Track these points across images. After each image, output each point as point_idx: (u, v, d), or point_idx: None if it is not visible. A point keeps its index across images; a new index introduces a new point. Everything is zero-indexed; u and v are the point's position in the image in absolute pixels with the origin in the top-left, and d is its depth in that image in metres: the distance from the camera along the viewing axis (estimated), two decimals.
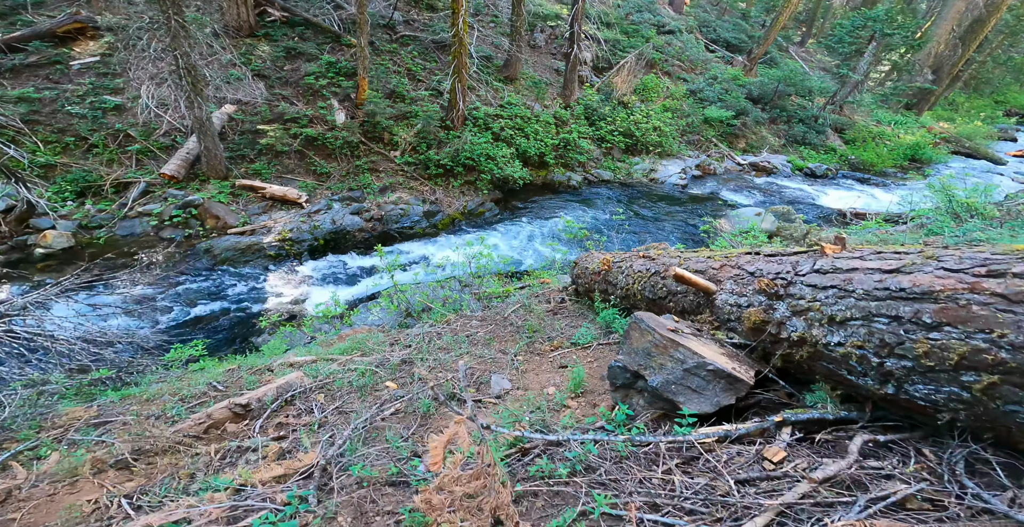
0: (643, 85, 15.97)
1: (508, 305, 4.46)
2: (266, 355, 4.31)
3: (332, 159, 10.02)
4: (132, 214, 8.05)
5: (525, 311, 4.04)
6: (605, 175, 12.91)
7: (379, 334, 4.14)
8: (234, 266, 7.74)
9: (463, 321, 4.05)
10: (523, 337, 3.34)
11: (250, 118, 9.68)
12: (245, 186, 8.90)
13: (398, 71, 11.81)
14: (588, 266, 3.71)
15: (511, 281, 7.13)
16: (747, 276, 1.82)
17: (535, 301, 4.38)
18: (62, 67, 9.01)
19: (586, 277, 3.66)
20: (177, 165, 8.50)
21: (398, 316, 5.95)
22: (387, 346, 3.66)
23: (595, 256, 3.77)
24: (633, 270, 2.80)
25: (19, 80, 8.62)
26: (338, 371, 3.13)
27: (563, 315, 3.78)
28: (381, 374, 3.02)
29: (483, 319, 4.06)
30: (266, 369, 3.52)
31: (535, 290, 5.17)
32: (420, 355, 3.22)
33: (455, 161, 10.43)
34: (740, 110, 16.22)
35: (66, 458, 1.96)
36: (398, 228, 9.31)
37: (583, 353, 2.88)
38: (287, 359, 3.65)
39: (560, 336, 3.20)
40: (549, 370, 2.80)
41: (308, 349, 4.11)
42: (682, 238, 10.36)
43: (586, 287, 3.70)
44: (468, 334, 3.62)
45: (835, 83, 19.81)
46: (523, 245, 9.52)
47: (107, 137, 8.58)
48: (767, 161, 15.61)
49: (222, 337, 6.42)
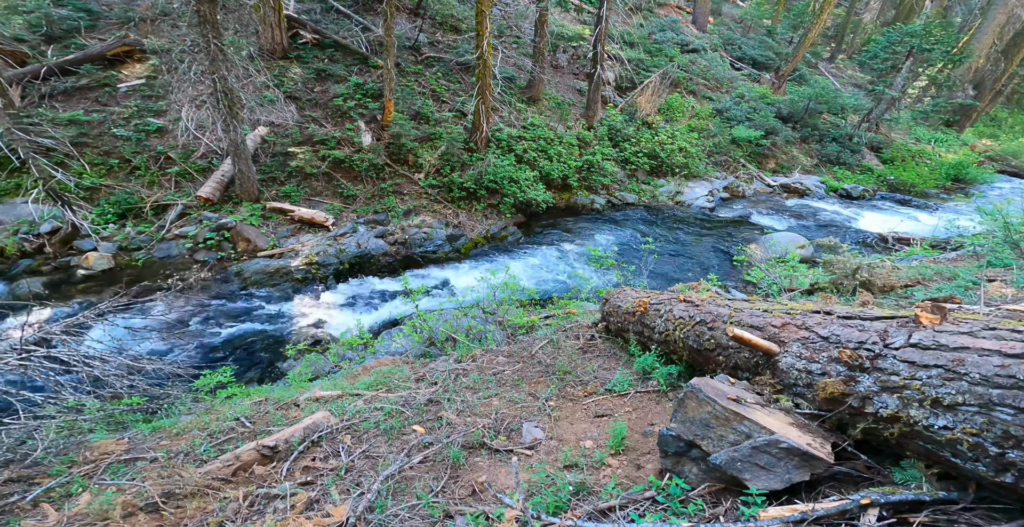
0: (668, 105, 15.99)
1: (535, 340, 4.38)
2: (292, 386, 4.33)
3: (358, 181, 10.30)
4: (169, 236, 8.40)
5: (553, 348, 3.96)
6: (629, 198, 12.83)
7: (404, 367, 4.12)
8: (262, 289, 7.93)
9: (489, 356, 3.99)
10: (554, 379, 3.25)
11: (281, 140, 10.08)
12: (275, 209, 9.20)
13: (423, 92, 12.18)
14: (620, 304, 3.62)
15: (535, 309, 7.04)
16: (818, 340, 1.71)
17: (563, 336, 4.30)
18: (110, 90, 9.64)
19: (618, 316, 3.57)
20: (212, 188, 8.88)
21: (422, 345, 5.94)
22: (412, 382, 3.63)
23: (628, 294, 3.68)
24: (674, 315, 2.70)
25: (70, 103, 9.26)
26: (364, 410, 3.11)
27: (594, 354, 3.68)
28: (408, 415, 2.97)
29: (509, 355, 3.99)
30: (293, 404, 3.52)
31: (562, 323, 5.08)
32: (447, 395, 3.16)
33: (478, 184, 10.56)
34: (769, 129, 16.00)
35: (96, 499, 1.97)
36: (421, 252, 9.41)
37: (620, 401, 2.77)
38: (313, 393, 3.65)
39: (593, 380, 3.10)
40: (584, 419, 2.70)
41: (334, 382, 4.11)
42: (713, 266, 10.12)
43: (618, 326, 3.61)
44: (495, 372, 3.55)
45: (870, 100, 19.40)
46: (546, 270, 9.47)
47: (149, 159, 9.06)
48: (799, 182, 15.25)
49: (249, 362, 6.53)
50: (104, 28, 10.77)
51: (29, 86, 9.18)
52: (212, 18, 7.11)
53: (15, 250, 7.53)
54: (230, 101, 8.12)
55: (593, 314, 5.87)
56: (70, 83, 9.47)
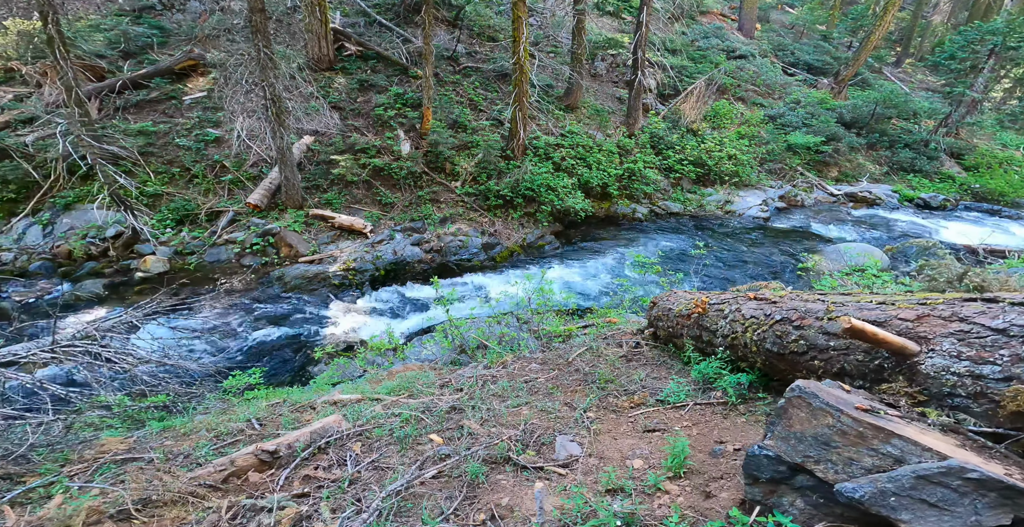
0: (714, 111, 15.26)
1: (572, 347, 3.94)
2: (313, 389, 4.12)
3: (396, 189, 10.37)
4: (220, 241, 8.72)
5: (593, 355, 3.51)
6: (674, 207, 12.15)
7: (430, 373, 3.80)
8: (302, 294, 7.99)
9: (521, 363, 3.59)
10: (593, 388, 2.80)
11: (325, 149, 10.38)
12: (317, 215, 9.39)
13: (460, 101, 12.26)
14: (671, 307, 3.14)
15: (572, 319, 6.62)
16: (989, 334, 1.21)
17: (603, 344, 3.84)
18: (176, 102, 10.36)
19: (669, 320, 3.09)
20: (261, 195, 9.20)
21: (452, 352, 5.63)
22: (436, 388, 3.29)
23: (680, 296, 3.20)
24: (743, 315, 2.21)
25: (141, 114, 10.01)
26: (380, 415, 2.79)
27: (639, 363, 3.19)
28: (427, 423, 2.62)
29: (543, 362, 3.58)
30: (309, 406, 3.28)
31: (602, 331, 4.61)
32: (471, 402, 2.79)
33: (515, 192, 10.34)
34: (830, 135, 14.82)
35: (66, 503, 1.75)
36: (456, 260, 9.22)
37: (675, 414, 2.28)
38: (332, 396, 3.39)
39: (641, 389, 2.62)
40: (631, 434, 2.23)
41: (355, 386, 3.85)
42: (769, 276, 9.22)
43: (669, 332, 3.12)
44: (527, 380, 3.14)
45: (946, 104, 17.68)
46: (585, 280, 8.98)
47: (206, 168, 9.56)
48: (867, 191, 13.90)
49: (283, 364, 6.48)
50: (175, 44, 11.72)
51: (106, 99, 10.04)
52: (263, 28, 7.44)
53: (82, 253, 8.04)
54: (278, 109, 8.43)
55: (635, 322, 5.34)
56: (142, 96, 10.28)
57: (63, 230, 8.40)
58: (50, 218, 8.56)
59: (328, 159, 10.22)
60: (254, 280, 8.09)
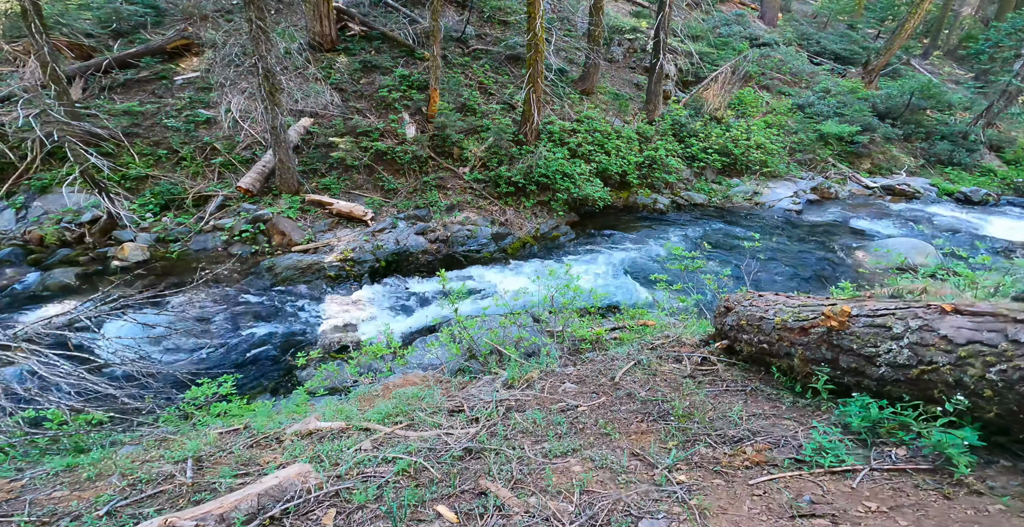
0: (738, 99, 14.25)
1: (613, 360, 3.09)
2: (287, 410, 3.29)
3: (400, 174, 9.52)
4: (207, 228, 7.91)
5: (645, 374, 2.66)
6: (698, 198, 11.22)
7: (435, 390, 2.96)
8: (293, 286, 7.18)
9: (551, 381, 2.75)
10: (669, 429, 1.94)
11: (325, 131, 9.53)
12: (314, 201, 8.56)
13: (470, 84, 11.35)
14: (762, 314, 2.29)
15: (595, 319, 5.78)
16: None
17: (654, 357, 2.98)
18: (167, 82, 9.53)
19: (762, 332, 2.24)
20: (253, 178, 8.38)
21: (460, 358, 4.80)
22: (444, 415, 2.45)
23: (770, 300, 2.35)
24: (943, 338, 1.35)
25: (129, 94, 9.19)
26: (367, 462, 1.95)
27: (718, 389, 2.33)
28: (432, 477, 1.78)
29: (580, 380, 2.73)
30: (275, 438, 2.46)
31: (645, 339, 3.75)
32: (494, 444, 1.94)
33: (528, 178, 9.45)
34: (864, 126, 13.77)
35: None
36: (464, 251, 8.37)
37: (839, 486, 1.42)
38: (307, 424, 2.55)
39: (750, 436, 1.76)
40: (766, 518, 1.37)
41: (341, 407, 3.02)
42: (814, 274, 8.32)
43: (761, 348, 2.27)
44: (563, 407, 2.30)
45: (981, 97, 16.59)
46: (605, 276, 8.10)
47: (195, 150, 8.74)
48: (905, 184, 12.88)
49: (265, 367, 5.67)
50: (169, 24, 10.86)
51: (91, 79, 9.22)
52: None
53: (55, 239, 7.26)
54: (271, 85, 7.58)
55: (679, 327, 4.47)
56: (130, 75, 9.46)
57: (37, 214, 7.62)
58: (24, 201, 7.77)
59: (327, 142, 9.37)
60: (242, 270, 7.28)
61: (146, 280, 6.91)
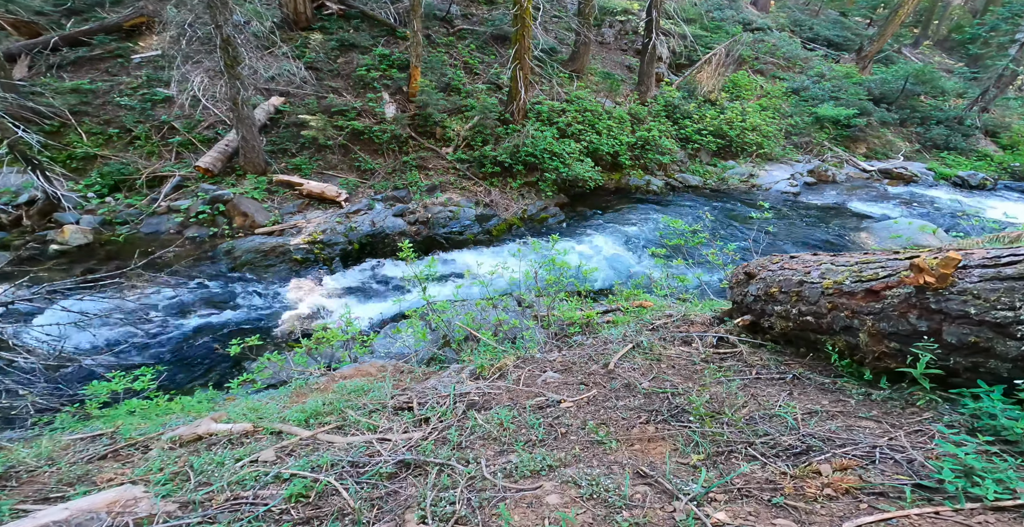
0: (732, 83, 13.61)
1: (606, 343, 2.41)
2: (189, 407, 2.57)
3: (378, 155, 8.76)
4: (160, 210, 7.12)
5: (648, 359, 1.98)
6: (692, 180, 10.58)
7: (385, 383, 2.28)
8: (254, 271, 6.42)
9: (528, 370, 2.07)
10: (691, 433, 1.25)
11: (296, 110, 8.74)
12: (282, 182, 7.78)
13: (454, 64, 10.60)
14: (803, 278, 1.62)
15: (585, 301, 5.12)
16: None
17: (655, 338, 2.30)
18: (123, 60, 8.67)
19: (808, 302, 1.59)
20: (213, 158, 7.58)
21: (432, 345, 4.11)
22: (388, 413, 1.76)
23: (808, 260, 1.70)
24: None
25: (79, 73, 8.33)
26: (249, 480, 1.25)
27: (745, 374, 1.67)
28: (342, 503, 1.08)
29: (565, 368, 2.06)
30: (143, 446, 1.73)
31: (643, 319, 3.07)
32: (441, 456, 1.24)
33: (514, 158, 8.74)
34: (861, 110, 13.21)
35: None
36: (445, 233, 7.66)
37: None
38: (196, 427, 1.86)
39: (819, 445, 1.09)
40: None
41: (256, 406, 2.31)
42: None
43: (802, 323, 1.61)
44: (542, 404, 1.62)
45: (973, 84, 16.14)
46: (597, 257, 7.43)
47: (151, 129, 7.92)
48: (903, 168, 12.34)
49: (212, 360, 4.93)
50: (129, 3, 9.98)
51: (38, 57, 8.34)
52: None
53: None
54: (230, 57, 6.79)
55: (678, 307, 3.81)
56: (81, 53, 8.59)
57: None
58: None
59: (298, 120, 8.58)
60: (197, 255, 6.50)
61: (87, 265, 6.12)
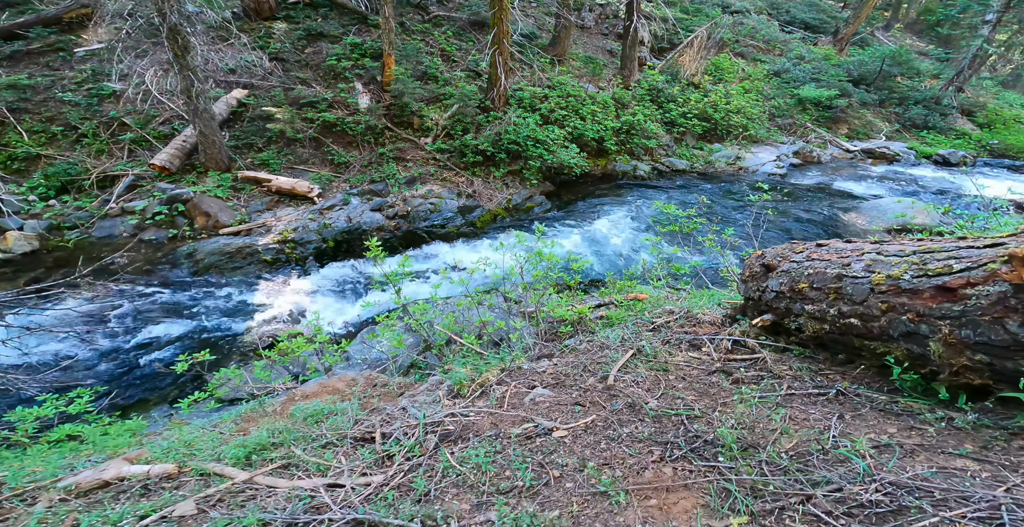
0: (714, 66, 13.30)
1: (604, 349, 2.01)
2: (105, 440, 2.09)
3: (353, 147, 8.21)
4: (113, 212, 6.49)
5: (652, 369, 1.57)
6: (679, 164, 10.25)
7: (350, 404, 1.89)
8: (219, 274, 5.87)
9: (515, 385, 1.68)
10: (723, 480, 0.83)
11: (261, 103, 8.12)
12: (248, 178, 7.20)
13: (431, 52, 10.05)
14: (842, 272, 1.25)
15: (575, 294, 4.73)
16: None
17: (658, 341, 1.90)
18: (65, 54, 7.92)
19: (852, 300, 1.22)
20: (170, 155, 6.95)
21: (413, 348, 3.68)
22: (345, 447, 1.31)
23: (849, 250, 1.37)
24: None
25: (16, 68, 7.57)
26: None
27: (774, 389, 1.25)
28: None
29: (557, 382, 1.67)
30: (31, 495, 1.25)
31: (644, 317, 2.67)
32: (402, 512, 0.80)
33: (497, 146, 8.27)
34: (841, 91, 13.05)
35: None
36: (427, 227, 7.18)
37: None
38: (102, 472, 1.41)
39: (912, 500, 0.69)
40: None
41: (192, 438, 1.85)
42: (811, 237, 7.46)
43: (844, 326, 1.23)
44: (529, 433, 1.20)
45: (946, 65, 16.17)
46: (586, 246, 7.04)
47: (99, 126, 7.24)
48: (885, 147, 12.23)
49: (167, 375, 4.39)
50: None
51: None
52: None
53: None
54: (179, 46, 6.16)
55: (678, 300, 3.44)
56: (18, 47, 7.81)
57: None
58: None
59: (263, 113, 7.97)
60: (155, 259, 5.92)
61: (33, 274, 5.50)
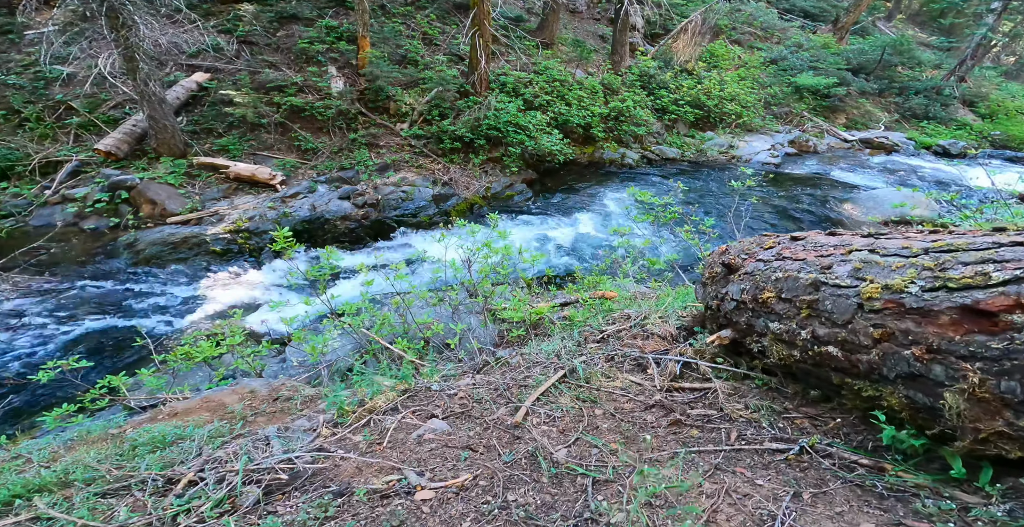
0: (709, 53, 12.72)
1: (535, 366, 1.44)
2: None
3: (322, 133, 7.65)
4: (54, 200, 5.94)
5: (578, 399, 1.04)
6: (669, 152, 9.69)
7: (208, 429, 1.28)
8: (162, 266, 5.32)
9: (412, 413, 1.19)
10: None
11: (225, 86, 7.55)
12: (205, 165, 6.64)
13: (411, 35, 9.47)
14: (819, 277, 0.89)
15: (548, 291, 4.23)
16: None
17: (599, 358, 1.36)
18: (14, 36, 7.35)
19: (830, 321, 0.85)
20: (117, 140, 6.39)
21: (356, 351, 3.19)
22: (139, 495, 0.76)
23: (829, 246, 1.14)
24: None
25: None
26: None
27: (719, 438, 0.71)
28: None
29: (462, 411, 1.32)
30: None
31: (597, 321, 2.13)
32: None
33: (475, 132, 7.71)
34: (840, 79, 12.47)
35: None
36: (397, 216, 6.63)
37: None
38: None
39: None
40: None
41: None
42: (810, 228, 6.92)
43: (820, 356, 0.77)
44: (385, 492, 0.79)
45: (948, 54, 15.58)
46: (565, 238, 6.50)
47: (44, 110, 6.68)
48: (883, 137, 11.66)
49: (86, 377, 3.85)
50: None
51: None
52: None
53: None
54: (120, 25, 5.58)
55: (644, 301, 2.91)
56: None
57: None
58: None
59: (228, 99, 7.40)
60: (93, 249, 5.37)
61: None
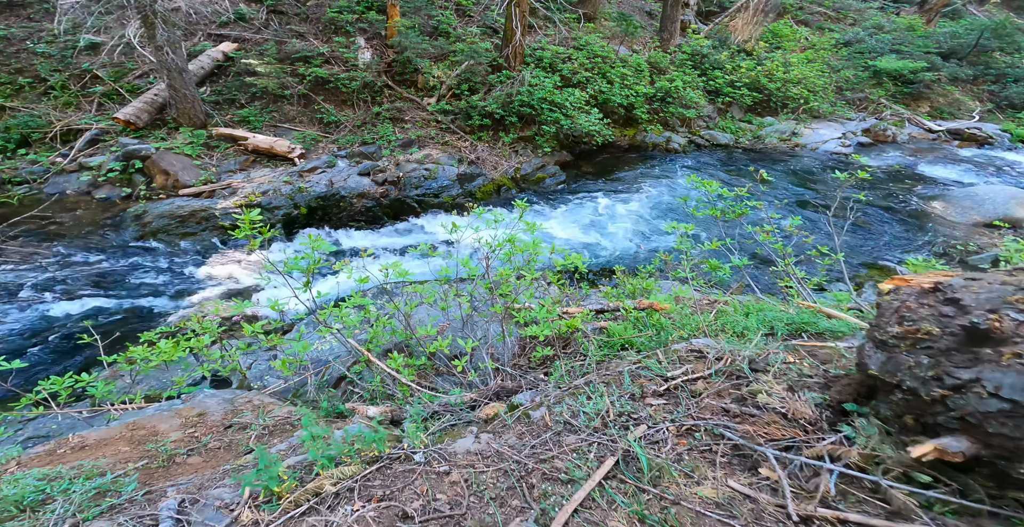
0: (771, 33, 11.35)
1: (566, 435, 1.15)
2: None
3: (347, 106, 7.13)
4: (70, 168, 5.69)
5: (639, 519, 0.52)
6: (721, 138, 8.62)
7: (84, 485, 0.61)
8: (170, 240, 4.96)
9: (366, 512, 0.70)
10: None
11: (251, 57, 7.14)
12: (224, 135, 6.25)
13: (444, 5, 8.77)
14: None
15: (578, 287, 3.53)
16: None
17: (668, 427, 1.06)
18: (48, 6, 7.18)
19: None
20: (137, 109, 6.08)
21: (349, 358, 2.62)
22: None
23: None
24: None
25: None
26: None
27: None
28: None
29: (451, 515, 0.82)
30: None
31: (657, 363, 1.36)
32: None
33: (507, 109, 6.98)
34: (929, 64, 10.84)
35: None
36: (418, 195, 6.03)
37: None
38: None
39: None
40: None
41: None
42: (888, 234, 5.85)
43: None
44: None
45: None
46: (601, 228, 5.70)
47: (70, 78, 6.46)
48: (976, 128, 10.05)
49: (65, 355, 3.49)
50: None
51: None
52: None
53: None
54: None
55: (702, 324, 2.24)
56: None
57: None
58: None
59: (252, 70, 6.99)
60: (102, 219, 5.06)
61: None
